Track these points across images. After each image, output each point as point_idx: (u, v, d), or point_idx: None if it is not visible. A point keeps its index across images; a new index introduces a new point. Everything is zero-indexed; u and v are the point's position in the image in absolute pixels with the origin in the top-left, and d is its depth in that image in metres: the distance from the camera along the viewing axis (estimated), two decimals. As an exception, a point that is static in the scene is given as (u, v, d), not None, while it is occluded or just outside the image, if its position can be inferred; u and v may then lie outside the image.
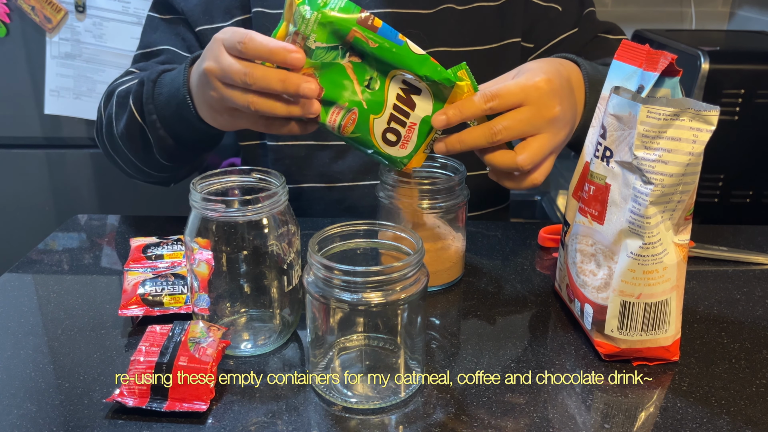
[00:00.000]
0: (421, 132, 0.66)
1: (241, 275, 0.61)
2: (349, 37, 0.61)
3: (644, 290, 0.58)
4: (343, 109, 0.64)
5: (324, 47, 0.61)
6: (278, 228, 0.60)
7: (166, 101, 0.77)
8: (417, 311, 0.56)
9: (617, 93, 0.57)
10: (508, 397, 0.56)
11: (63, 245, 0.84)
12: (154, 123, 0.80)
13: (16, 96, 1.69)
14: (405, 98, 0.64)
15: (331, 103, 0.64)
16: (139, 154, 0.86)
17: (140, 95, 0.81)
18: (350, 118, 0.64)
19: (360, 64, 0.63)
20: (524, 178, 0.66)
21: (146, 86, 0.80)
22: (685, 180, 0.54)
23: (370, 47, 0.61)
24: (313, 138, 0.93)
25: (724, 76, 1.42)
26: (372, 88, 0.64)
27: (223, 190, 0.63)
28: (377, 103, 0.64)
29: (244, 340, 0.63)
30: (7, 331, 0.65)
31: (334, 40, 0.61)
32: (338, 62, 0.62)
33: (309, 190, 0.96)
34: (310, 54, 0.61)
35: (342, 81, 0.63)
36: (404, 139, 0.66)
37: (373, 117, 0.64)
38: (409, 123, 0.65)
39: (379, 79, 0.63)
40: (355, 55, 0.63)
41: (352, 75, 0.63)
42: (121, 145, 0.86)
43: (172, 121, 0.78)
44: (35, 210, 1.81)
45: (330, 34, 0.61)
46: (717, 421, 0.54)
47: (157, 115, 0.79)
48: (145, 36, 0.98)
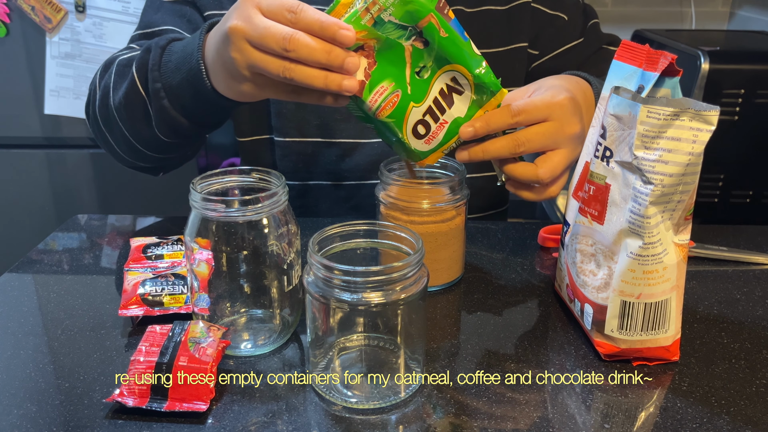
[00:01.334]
0: (449, 132, 0.66)
1: (241, 275, 0.61)
2: (424, 21, 0.61)
3: (644, 290, 0.58)
4: (387, 90, 0.63)
5: (395, 23, 0.61)
6: (278, 228, 0.60)
7: (175, 68, 0.73)
8: (417, 311, 0.56)
9: (617, 93, 0.57)
10: (508, 397, 0.56)
11: (63, 245, 0.84)
12: (158, 92, 0.74)
13: (16, 96, 1.69)
14: (447, 95, 0.65)
15: (378, 81, 0.63)
16: (134, 128, 0.80)
17: (146, 62, 0.76)
18: (392, 100, 0.63)
19: (420, 51, 0.63)
20: (543, 191, 0.69)
21: (153, 53, 0.75)
22: (685, 180, 0.54)
23: (440, 36, 0.62)
24: (320, 135, 0.93)
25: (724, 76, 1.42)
26: (421, 76, 0.64)
27: (223, 190, 0.63)
28: (421, 92, 0.64)
29: (244, 340, 0.63)
30: (7, 331, 0.65)
31: (407, 20, 0.61)
32: (400, 42, 0.62)
33: (316, 188, 0.96)
34: (380, 26, 0.60)
35: (396, 62, 0.63)
36: (432, 134, 0.66)
37: (413, 105, 0.64)
38: (441, 120, 0.66)
39: (431, 69, 0.64)
40: (419, 41, 0.62)
41: (408, 59, 0.63)
42: (116, 117, 0.81)
43: (179, 91, 0.73)
44: (35, 210, 1.81)
45: (406, 13, 0.60)
46: (717, 421, 0.54)
47: (162, 84, 0.74)
48: (145, 16, 0.93)
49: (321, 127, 0.93)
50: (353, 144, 0.93)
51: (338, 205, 0.97)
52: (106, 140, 0.86)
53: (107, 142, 0.87)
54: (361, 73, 0.61)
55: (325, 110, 0.93)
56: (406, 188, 0.71)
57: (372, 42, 0.61)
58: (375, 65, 0.62)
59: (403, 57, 0.62)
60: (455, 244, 0.73)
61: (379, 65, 0.62)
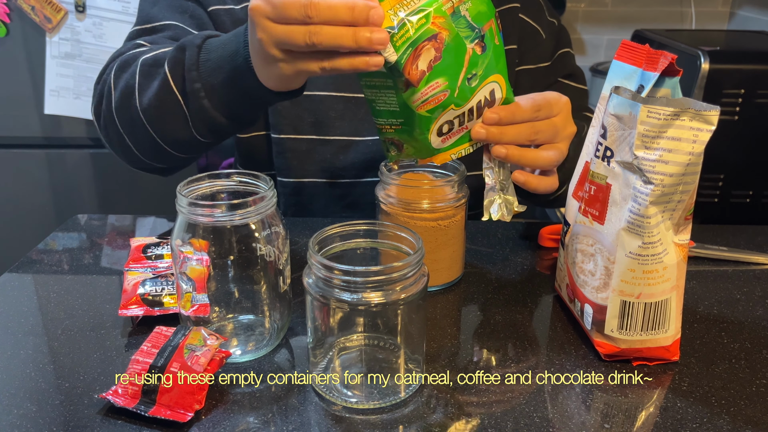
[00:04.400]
0: (464, 136, 0.67)
1: (230, 280, 0.60)
2: (487, 26, 0.62)
3: (644, 290, 0.58)
4: (439, 88, 0.62)
5: (467, 21, 0.61)
6: (267, 232, 0.59)
7: (216, 67, 0.70)
8: (417, 311, 0.56)
9: (617, 93, 0.57)
10: (508, 397, 0.56)
11: (63, 245, 0.84)
12: (196, 92, 0.71)
13: (16, 96, 1.69)
14: (481, 107, 0.66)
15: (436, 76, 0.62)
16: (165, 129, 0.76)
17: (180, 61, 0.72)
18: (439, 98, 0.63)
19: (476, 57, 0.63)
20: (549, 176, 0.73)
21: (189, 52, 0.72)
22: (685, 180, 0.54)
23: (494, 44, 0.64)
24: (315, 132, 0.93)
25: (724, 76, 1.42)
26: (470, 83, 0.64)
27: (211, 194, 0.62)
28: (464, 98, 0.64)
29: (233, 345, 0.62)
30: (7, 331, 0.65)
31: (477, 20, 0.62)
32: (465, 44, 0.62)
33: (311, 185, 0.96)
34: (456, 18, 0.61)
35: (456, 63, 0.63)
36: (450, 135, 0.67)
37: (453, 107, 0.64)
38: (466, 124, 0.67)
39: (479, 78, 0.65)
40: (479, 45, 0.63)
41: (466, 63, 0.63)
42: (142, 119, 0.77)
43: (221, 90, 0.71)
44: (35, 210, 1.81)
45: (478, 12, 0.62)
46: (717, 421, 0.54)
47: (201, 84, 0.71)
48: (143, 10, 0.90)
49: (315, 125, 0.93)
50: (348, 141, 0.93)
51: (333, 203, 0.96)
52: (122, 142, 0.82)
53: (123, 144, 0.83)
54: (425, 64, 0.61)
55: (320, 108, 0.92)
56: (406, 188, 0.71)
57: (445, 34, 0.60)
58: (439, 60, 0.61)
59: (462, 60, 0.63)
60: (455, 244, 0.73)
61: (442, 61, 0.61)
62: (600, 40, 2.26)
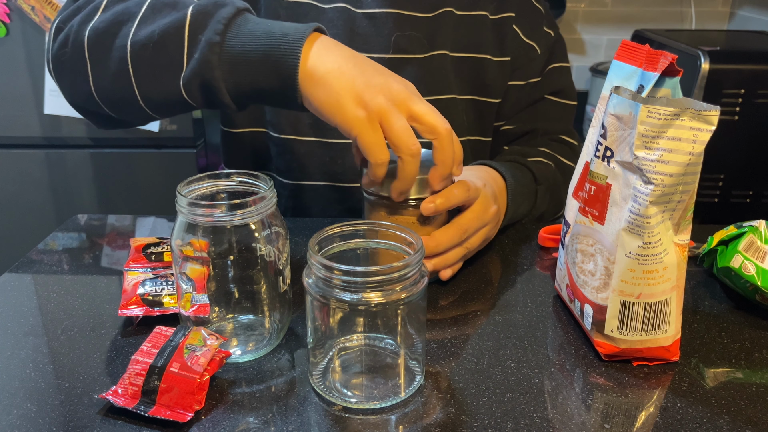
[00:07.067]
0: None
1: (230, 280, 0.60)
2: None
3: (644, 290, 0.58)
4: None
5: None
6: (267, 232, 0.59)
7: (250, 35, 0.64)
8: (417, 311, 0.56)
9: (617, 93, 0.57)
10: (508, 397, 0.56)
11: (63, 245, 0.84)
12: (207, 63, 0.64)
13: (16, 96, 1.70)
14: None
15: None
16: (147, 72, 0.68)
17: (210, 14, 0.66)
18: None
19: None
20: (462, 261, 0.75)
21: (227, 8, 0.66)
22: (685, 180, 0.54)
23: None
24: (314, 134, 0.93)
25: (724, 76, 1.42)
26: None
27: (211, 194, 0.62)
28: None
29: (233, 346, 0.62)
30: (7, 331, 0.65)
31: None
32: None
33: (310, 188, 0.96)
34: None
35: None
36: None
37: None
38: None
39: None
40: None
41: None
42: (126, 52, 0.68)
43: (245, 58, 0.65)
44: (35, 210, 1.81)
45: None
46: (717, 421, 0.54)
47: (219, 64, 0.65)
48: None
49: (314, 126, 0.92)
50: (347, 145, 0.93)
51: (331, 206, 0.96)
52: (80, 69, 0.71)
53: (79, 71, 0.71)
54: None
55: None
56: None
57: None
58: None
59: None
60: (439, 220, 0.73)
61: None
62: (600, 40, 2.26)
